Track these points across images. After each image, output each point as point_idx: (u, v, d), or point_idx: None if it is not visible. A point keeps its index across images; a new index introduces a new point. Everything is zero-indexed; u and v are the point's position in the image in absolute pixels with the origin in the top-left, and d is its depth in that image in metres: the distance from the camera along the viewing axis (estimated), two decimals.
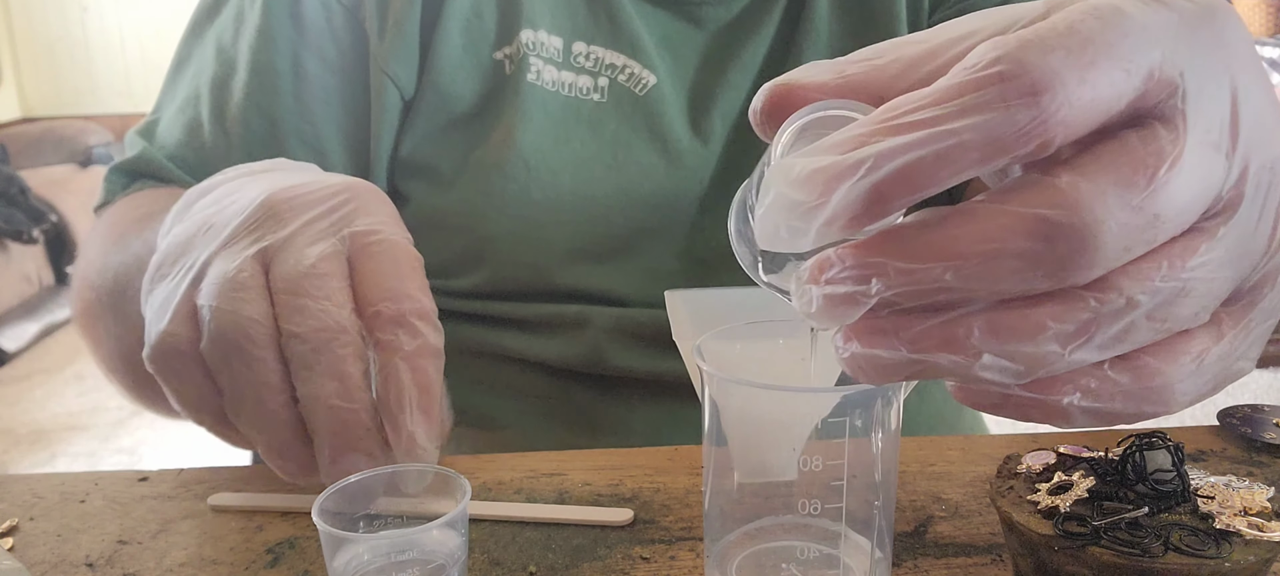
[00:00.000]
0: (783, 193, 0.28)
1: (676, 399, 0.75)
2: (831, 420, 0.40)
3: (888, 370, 0.29)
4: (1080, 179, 0.27)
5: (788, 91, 0.33)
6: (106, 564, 0.55)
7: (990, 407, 0.31)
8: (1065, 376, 0.29)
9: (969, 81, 0.27)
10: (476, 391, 0.77)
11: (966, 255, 0.27)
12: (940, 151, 0.27)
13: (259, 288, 0.45)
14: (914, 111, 0.27)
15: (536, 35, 0.73)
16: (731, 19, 0.76)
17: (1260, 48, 3.30)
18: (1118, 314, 0.28)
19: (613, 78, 0.74)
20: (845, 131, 0.28)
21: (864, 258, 0.28)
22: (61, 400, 3.44)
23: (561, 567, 0.53)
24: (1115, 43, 0.27)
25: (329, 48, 0.73)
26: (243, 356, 0.44)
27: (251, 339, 0.44)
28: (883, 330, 0.29)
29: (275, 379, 0.45)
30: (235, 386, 0.45)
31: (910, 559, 0.53)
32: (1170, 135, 0.28)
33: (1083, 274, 0.27)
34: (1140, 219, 0.27)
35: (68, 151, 4.79)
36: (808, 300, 0.29)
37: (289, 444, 0.46)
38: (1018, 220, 0.27)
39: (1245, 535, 0.43)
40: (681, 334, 0.58)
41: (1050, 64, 0.26)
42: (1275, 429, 0.63)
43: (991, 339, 0.28)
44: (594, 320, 0.74)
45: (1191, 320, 0.30)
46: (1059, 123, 0.27)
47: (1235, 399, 2.92)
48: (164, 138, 0.77)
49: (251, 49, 0.73)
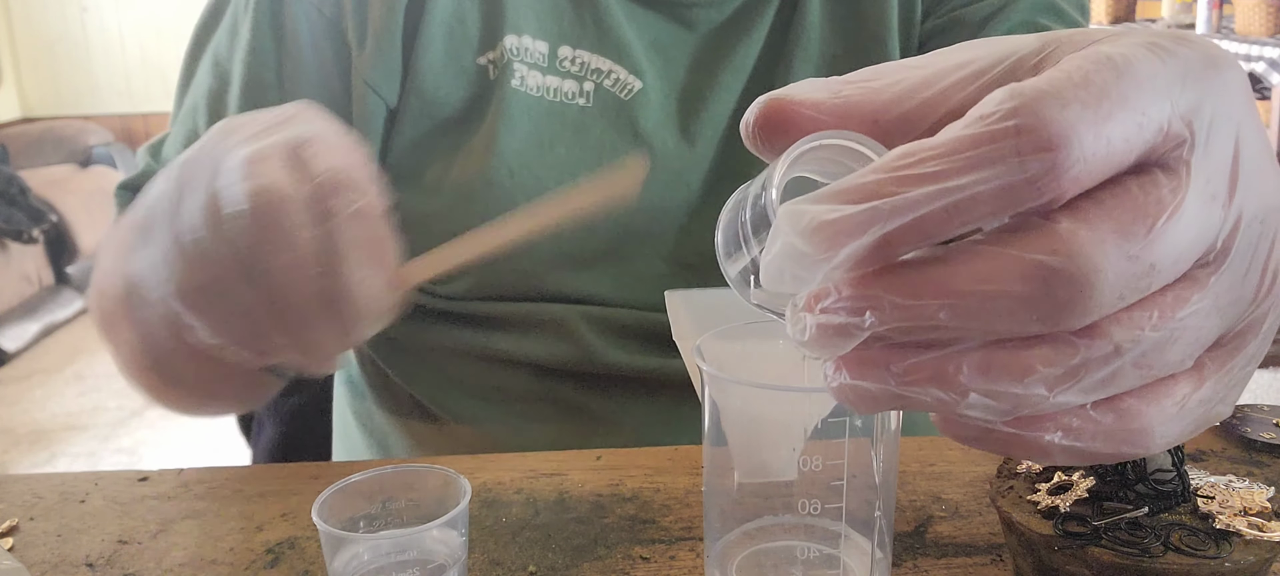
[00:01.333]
0: (791, 242, 0.28)
1: (668, 396, 0.75)
2: (831, 420, 0.40)
3: (875, 401, 0.29)
4: (1080, 226, 0.27)
5: (781, 107, 0.32)
6: (106, 564, 0.55)
7: (971, 441, 0.31)
8: (1049, 415, 0.30)
9: (983, 133, 0.27)
10: (466, 392, 0.77)
11: (963, 294, 0.27)
12: (951, 205, 0.27)
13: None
14: (927, 162, 0.27)
15: (521, 40, 0.73)
16: (723, 21, 0.76)
17: (1260, 48, 3.30)
18: (1105, 359, 0.28)
19: (598, 82, 0.74)
20: (855, 178, 0.28)
21: (861, 290, 0.28)
22: (61, 400, 3.44)
23: (561, 567, 0.53)
24: (1130, 95, 0.27)
25: (311, 60, 0.73)
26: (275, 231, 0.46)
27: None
28: (873, 362, 0.29)
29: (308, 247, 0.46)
30: (274, 259, 0.46)
31: (910, 559, 0.53)
32: (1171, 184, 0.28)
33: (1077, 320, 0.27)
34: (1137, 267, 0.27)
35: (68, 151, 4.78)
36: (801, 328, 0.29)
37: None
38: (1016, 264, 0.27)
39: (1245, 535, 0.43)
40: (681, 334, 0.58)
41: (1067, 118, 0.26)
42: (1275, 429, 0.63)
43: (980, 378, 0.28)
44: (581, 320, 0.74)
45: (1176, 366, 0.30)
46: (1073, 179, 0.27)
47: None
48: (168, 152, 0.77)
49: (243, 63, 0.74)
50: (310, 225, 0.46)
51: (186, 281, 0.49)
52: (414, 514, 0.50)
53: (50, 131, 4.86)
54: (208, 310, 0.49)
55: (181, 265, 0.48)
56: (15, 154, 4.58)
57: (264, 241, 0.45)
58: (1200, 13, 3.65)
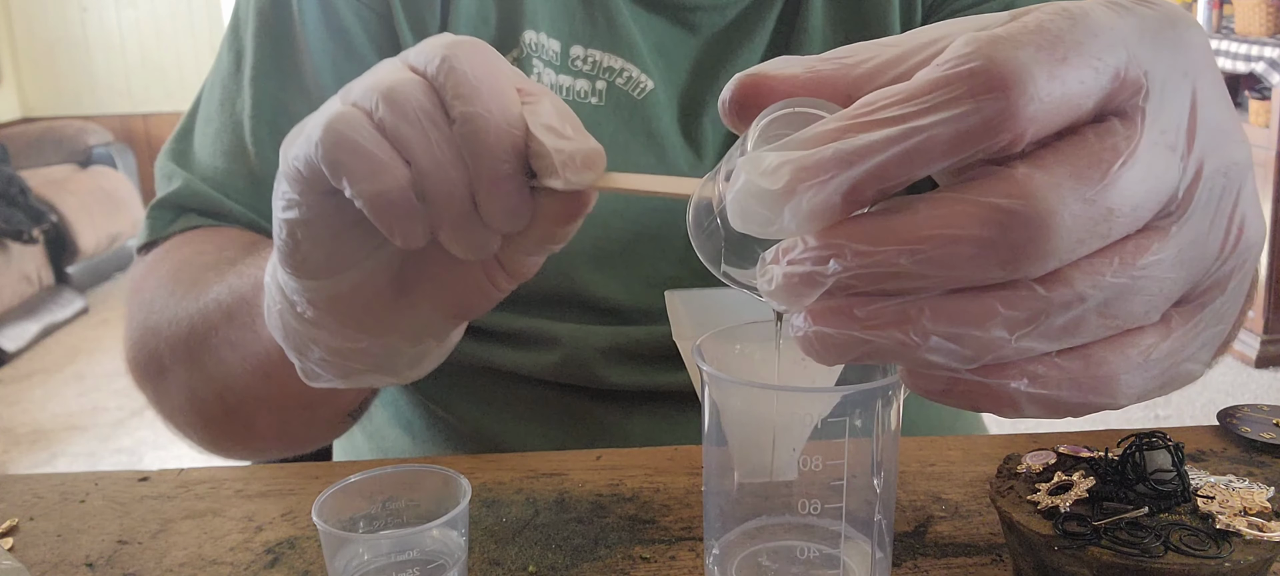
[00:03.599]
0: (753, 180, 0.29)
1: (672, 405, 0.75)
2: (831, 420, 0.40)
3: (838, 348, 0.30)
4: (1036, 170, 0.28)
5: (756, 83, 0.33)
6: (106, 564, 0.55)
7: (938, 394, 0.31)
8: (1014, 364, 0.30)
9: (939, 77, 0.28)
10: (468, 397, 0.77)
11: (923, 240, 0.28)
12: (910, 148, 0.28)
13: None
14: (886, 108, 0.28)
15: (538, 37, 0.73)
16: (726, 25, 0.76)
17: (1260, 48, 3.30)
18: (1067, 305, 0.29)
19: (610, 81, 0.73)
20: (817, 126, 0.29)
21: (825, 240, 0.29)
22: (61, 400, 3.44)
23: (561, 567, 0.53)
24: (1084, 41, 0.28)
25: (370, 58, 0.72)
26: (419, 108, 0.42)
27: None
28: (837, 310, 0.30)
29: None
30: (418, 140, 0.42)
31: (910, 559, 0.53)
32: (1126, 131, 0.28)
33: (1036, 265, 0.28)
34: (1094, 211, 0.28)
35: (68, 151, 4.79)
36: (769, 279, 0.30)
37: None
38: (974, 208, 0.28)
39: (1245, 535, 0.43)
40: (681, 334, 0.58)
41: (1020, 59, 0.27)
42: (1275, 429, 0.63)
43: (941, 322, 0.29)
44: (587, 341, 0.73)
45: (1142, 317, 0.30)
46: (1028, 118, 0.27)
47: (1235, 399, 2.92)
48: (201, 155, 0.75)
49: (288, 62, 0.72)
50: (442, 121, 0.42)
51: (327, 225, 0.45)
52: (414, 514, 0.50)
53: (50, 131, 4.87)
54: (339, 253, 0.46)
55: (320, 225, 0.45)
56: (15, 154, 4.58)
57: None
58: (1200, 12, 3.65)
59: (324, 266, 0.46)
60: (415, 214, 0.42)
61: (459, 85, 0.41)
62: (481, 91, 0.41)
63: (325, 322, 0.48)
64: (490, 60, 0.42)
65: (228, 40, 0.76)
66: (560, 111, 0.43)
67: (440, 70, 0.41)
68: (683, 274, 0.75)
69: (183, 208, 0.74)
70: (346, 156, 0.41)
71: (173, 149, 0.77)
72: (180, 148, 0.77)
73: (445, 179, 0.41)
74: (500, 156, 0.41)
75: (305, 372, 0.51)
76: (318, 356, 0.50)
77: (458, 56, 0.41)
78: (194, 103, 0.79)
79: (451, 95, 0.41)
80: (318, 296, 0.47)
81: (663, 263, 0.75)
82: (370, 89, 0.42)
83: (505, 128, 0.41)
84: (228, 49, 0.76)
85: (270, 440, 0.69)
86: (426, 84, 0.42)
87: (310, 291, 0.47)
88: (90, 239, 4.41)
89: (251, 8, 0.75)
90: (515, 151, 0.41)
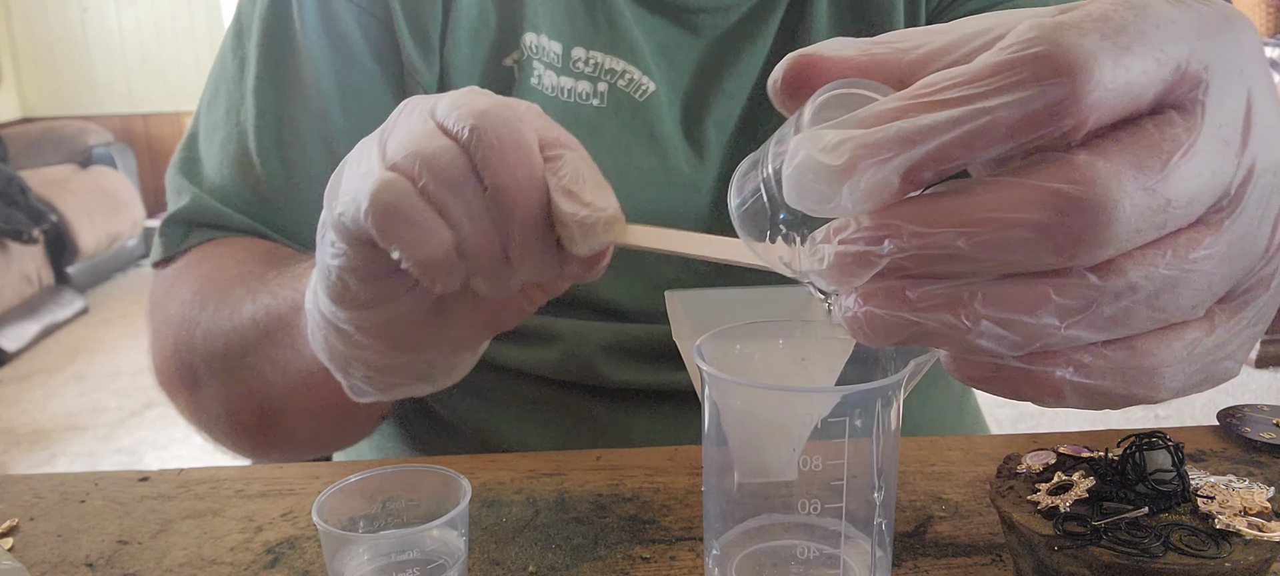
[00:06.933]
0: (813, 155, 0.29)
1: (673, 405, 0.75)
2: (831, 420, 0.40)
3: (888, 330, 0.30)
4: (1097, 158, 0.28)
5: (810, 63, 0.33)
6: (106, 564, 0.55)
7: (982, 380, 0.31)
8: (1060, 352, 0.30)
9: (1005, 61, 0.27)
10: (469, 395, 0.77)
11: (980, 223, 0.28)
12: (972, 129, 0.27)
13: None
14: (948, 89, 0.28)
15: (539, 39, 0.72)
16: (729, 27, 0.76)
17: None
18: (1119, 295, 0.29)
19: (612, 83, 0.73)
20: (878, 105, 0.29)
21: (880, 220, 0.29)
22: (61, 400, 3.44)
23: (561, 567, 0.53)
24: (1148, 33, 0.28)
25: (371, 66, 0.73)
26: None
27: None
28: (889, 291, 0.30)
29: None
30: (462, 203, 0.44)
31: (910, 559, 0.53)
32: (1186, 123, 0.28)
33: (1093, 252, 0.28)
34: (1153, 201, 0.28)
35: (68, 151, 4.79)
36: (819, 258, 0.30)
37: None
38: (1034, 192, 0.28)
39: (1245, 535, 0.43)
40: (681, 334, 0.58)
41: (1086, 45, 0.27)
42: (1275, 429, 0.63)
43: (993, 307, 0.29)
44: (590, 337, 0.73)
45: (1188, 311, 0.30)
46: (1092, 105, 0.27)
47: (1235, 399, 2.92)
48: (211, 171, 0.75)
49: (297, 73, 0.73)
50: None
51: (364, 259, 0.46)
52: (414, 514, 0.50)
53: (50, 131, 4.87)
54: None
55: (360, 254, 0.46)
56: (15, 154, 4.58)
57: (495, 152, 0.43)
58: None
59: (371, 302, 0.48)
60: (457, 270, 0.44)
61: (488, 155, 0.43)
62: (508, 159, 0.43)
63: (370, 345, 0.50)
64: (514, 125, 0.44)
65: (231, 46, 0.76)
66: (579, 168, 0.44)
67: (470, 139, 0.43)
68: (684, 276, 0.75)
69: (194, 222, 0.75)
70: (396, 226, 0.43)
71: (181, 160, 0.78)
72: (188, 157, 0.78)
73: (483, 240, 0.44)
74: (527, 222, 0.43)
75: (351, 389, 0.53)
76: (362, 374, 0.52)
77: (485, 127, 0.43)
78: (198, 108, 0.79)
79: (481, 164, 0.43)
80: (364, 323, 0.49)
81: (664, 264, 0.75)
82: (411, 154, 0.43)
83: (531, 194, 0.43)
84: (232, 55, 0.76)
85: (306, 445, 0.71)
86: (461, 149, 0.43)
87: (356, 320, 0.49)
88: (90, 239, 4.41)
89: (255, 15, 0.75)
90: (541, 216, 0.44)
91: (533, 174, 0.43)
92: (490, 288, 0.46)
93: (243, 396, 0.67)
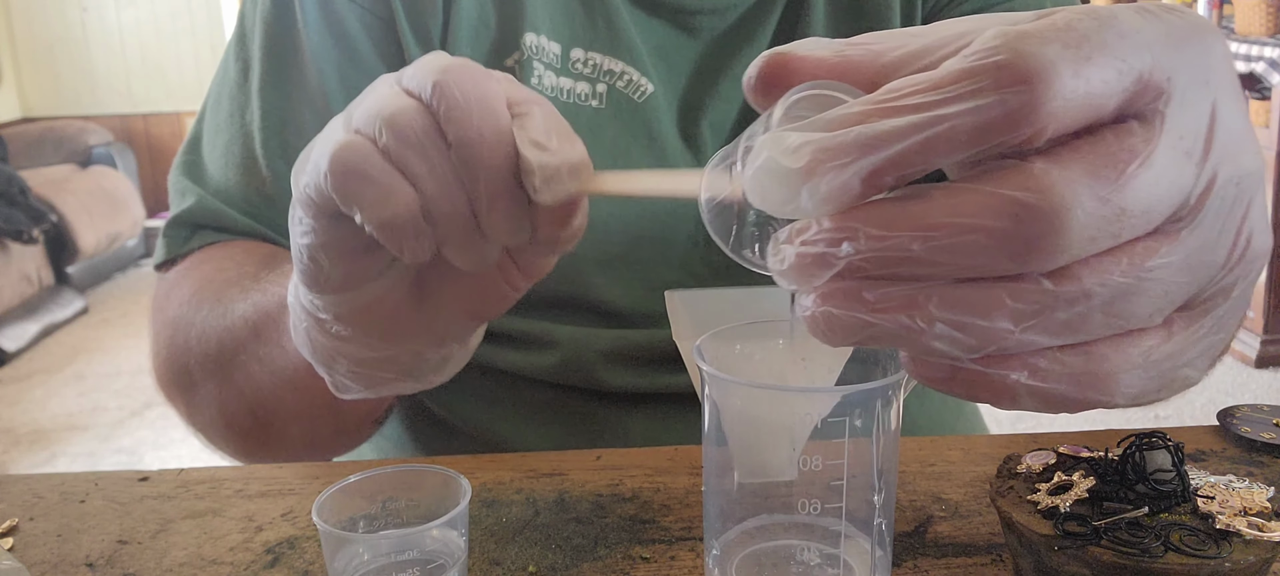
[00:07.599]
0: (774, 157, 0.30)
1: (675, 408, 0.75)
2: (831, 420, 0.40)
3: (844, 329, 0.30)
4: (1053, 166, 0.28)
5: (784, 62, 0.33)
6: (106, 564, 0.55)
7: (939, 381, 0.31)
8: (1016, 356, 0.30)
9: (965, 68, 0.28)
10: (469, 396, 0.77)
11: (937, 227, 0.28)
12: (932, 136, 0.28)
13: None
14: (910, 95, 0.28)
15: (538, 39, 0.72)
16: (726, 29, 0.76)
17: (1260, 47, 3.30)
18: (1073, 301, 0.29)
19: (611, 84, 0.73)
20: (841, 109, 0.29)
21: (840, 222, 0.29)
22: (61, 400, 3.44)
23: (561, 567, 0.53)
24: (1111, 43, 0.28)
25: (376, 65, 0.73)
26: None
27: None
28: (847, 292, 0.30)
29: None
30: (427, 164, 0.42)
31: (910, 559, 0.53)
32: (1145, 134, 0.29)
33: (1047, 259, 0.28)
34: (1107, 210, 0.28)
35: (68, 151, 4.79)
36: (781, 259, 0.31)
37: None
38: (990, 199, 0.28)
39: (1245, 535, 0.43)
40: (681, 334, 0.58)
41: (1047, 55, 0.27)
42: (1275, 429, 0.63)
43: (948, 309, 0.29)
44: (589, 344, 0.73)
45: (1145, 319, 0.30)
46: (1050, 114, 0.27)
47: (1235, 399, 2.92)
48: (214, 172, 0.75)
49: (296, 72, 0.72)
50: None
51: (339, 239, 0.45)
52: (414, 514, 0.50)
53: (50, 131, 4.87)
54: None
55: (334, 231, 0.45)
56: (15, 154, 4.58)
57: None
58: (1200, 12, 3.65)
59: (344, 282, 0.46)
60: (422, 233, 0.42)
61: (451, 109, 0.41)
62: (473, 113, 0.41)
63: (351, 335, 0.49)
64: (480, 80, 0.42)
65: (234, 50, 0.76)
66: (548, 122, 0.43)
67: (433, 95, 0.41)
68: (683, 278, 0.75)
69: (197, 225, 0.75)
70: (355, 185, 0.42)
71: (184, 162, 0.78)
72: (191, 159, 0.77)
73: (448, 200, 0.42)
74: (494, 177, 0.41)
75: (335, 386, 0.52)
76: (345, 369, 0.50)
77: (448, 82, 0.41)
78: (201, 110, 0.79)
79: (445, 119, 0.41)
80: (341, 310, 0.48)
81: (663, 267, 0.75)
82: (372, 116, 0.42)
83: (497, 147, 0.41)
84: (235, 58, 0.76)
85: (300, 449, 0.71)
86: (424, 108, 0.42)
87: (333, 306, 0.47)
88: (90, 239, 4.41)
89: (258, 17, 0.75)
90: (509, 170, 0.42)
91: (498, 126, 0.41)
92: (462, 257, 0.44)
93: (235, 397, 0.66)
